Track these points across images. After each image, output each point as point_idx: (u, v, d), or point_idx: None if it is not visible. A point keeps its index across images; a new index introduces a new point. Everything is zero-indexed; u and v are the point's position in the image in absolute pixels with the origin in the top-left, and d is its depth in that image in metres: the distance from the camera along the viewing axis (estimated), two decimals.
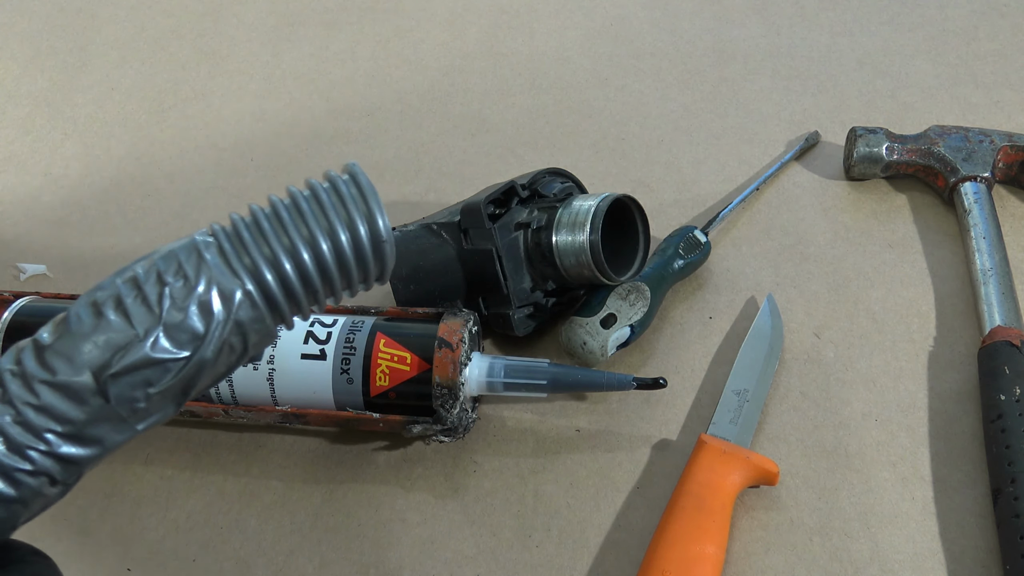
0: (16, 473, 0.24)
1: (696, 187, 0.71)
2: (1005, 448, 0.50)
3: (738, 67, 0.81)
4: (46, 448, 0.24)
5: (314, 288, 0.26)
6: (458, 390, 0.52)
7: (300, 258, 0.25)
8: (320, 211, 0.26)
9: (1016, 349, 0.54)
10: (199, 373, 0.25)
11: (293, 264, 0.25)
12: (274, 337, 0.27)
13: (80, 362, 0.24)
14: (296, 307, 0.26)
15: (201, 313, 0.25)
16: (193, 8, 0.94)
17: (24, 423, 0.24)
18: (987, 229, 0.62)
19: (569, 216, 0.55)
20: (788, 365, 0.59)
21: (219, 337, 0.25)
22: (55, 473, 0.24)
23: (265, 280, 0.25)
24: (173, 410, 0.26)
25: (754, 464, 0.51)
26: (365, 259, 0.26)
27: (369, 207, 0.26)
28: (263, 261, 0.25)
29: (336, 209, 0.26)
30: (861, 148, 0.67)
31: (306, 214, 0.26)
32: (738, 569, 0.50)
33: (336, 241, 0.26)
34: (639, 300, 0.58)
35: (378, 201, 0.26)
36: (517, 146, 0.76)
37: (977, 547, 0.50)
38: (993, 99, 0.75)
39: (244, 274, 0.25)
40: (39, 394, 0.24)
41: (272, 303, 0.26)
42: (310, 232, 0.25)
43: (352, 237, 0.26)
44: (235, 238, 0.26)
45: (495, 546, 0.52)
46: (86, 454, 0.25)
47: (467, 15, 0.90)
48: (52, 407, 0.24)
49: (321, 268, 0.26)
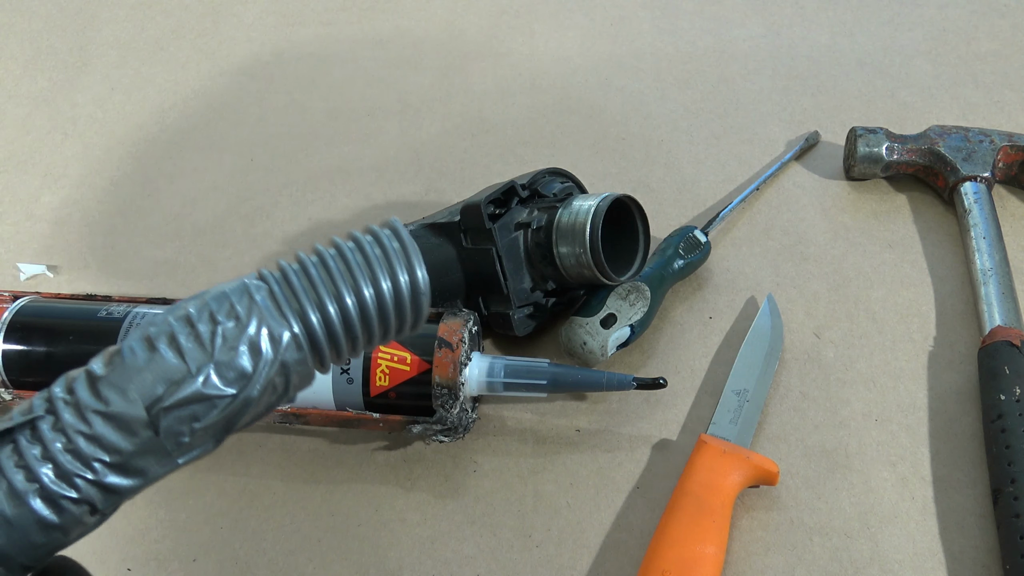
0: (62, 500, 0.25)
1: (696, 187, 0.71)
2: (1005, 448, 0.50)
3: (738, 67, 0.81)
4: (93, 477, 0.25)
5: (354, 334, 0.28)
6: (458, 390, 0.52)
7: (344, 305, 0.27)
8: (364, 262, 0.27)
9: (1016, 349, 0.54)
10: (243, 410, 0.26)
11: (338, 310, 0.27)
12: (312, 380, 0.28)
13: (133, 394, 0.25)
14: (336, 351, 0.28)
15: (250, 353, 0.26)
16: (193, 8, 0.94)
17: (74, 451, 0.25)
18: (987, 229, 0.62)
19: (569, 216, 0.55)
20: (788, 365, 0.59)
21: (266, 376, 0.26)
22: (98, 502, 0.25)
23: (311, 324, 0.27)
24: (213, 446, 0.27)
25: (754, 464, 0.51)
26: (403, 309, 0.28)
27: (410, 260, 0.28)
28: (310, 306, 0.27)
29: (379, 261, 0.27)
30: (861, 148, 0.67)
31: (351, 264, 0.27)
32: (738, 569, 0.50)
33: (379, 291, 0.27)
34: (639, 300, 0.58)
35: (419, 255, 0.28)
36: (517, 146, 0.76)
37: (977, 547, 0.50)
38: (993, 99, 0.75)
39: (292, 317, 0.27)
40: (92, 423, 0.25)
41: (316, 346, 0.27)
42: (355, 281, 0.27)
43: (393, 288, 0.27)
44: (284, 283, 0.27)
45: (495, 546, 0.52)
46: (129, 484, 0.25)
47: (467, 15, 0.90)
48: (103, 437, 0.25)
49: (363, 315, 0.27)
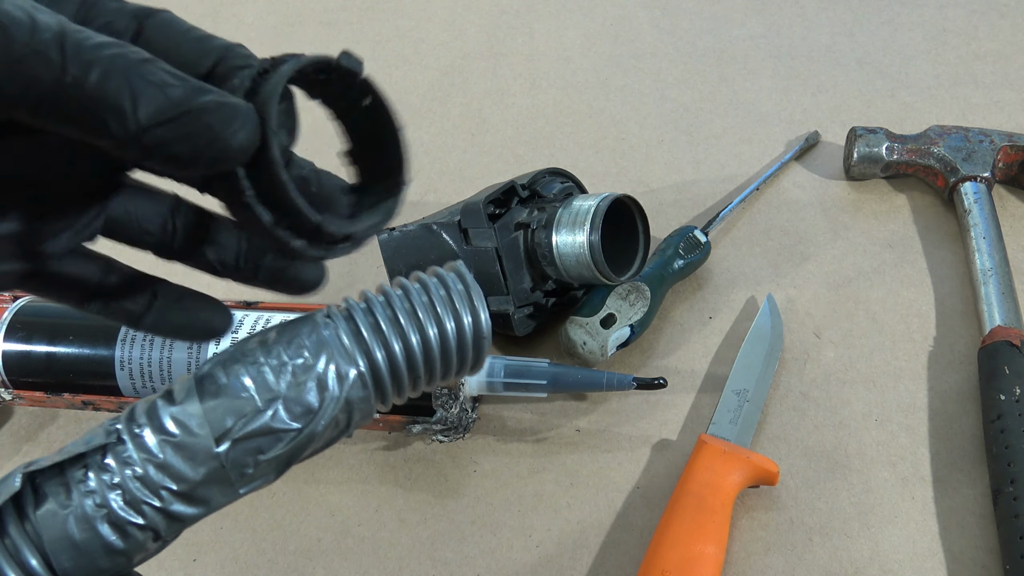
0: (128, 527, 0.25)
1: (696, 187, 0.71)
2: (1005, 448, 0.50)
3: (738, 67, 0.81)
4: (160, 505, 0.25)
5: (417, 373, 0.28)
6: (458, 390, 0.52)
7: (409, 344, 0.28)
8: (429, 302, 0.28)
9: (1016, 349, 0.54)
10: (307, 444, 0.27)
11: (402, 349, 0.27)
12: (372, 415, 0.29)
13: (204, 426, 0.26)
14: (398, 389, 0.28)
15: (318, 389, 0.27)
16: (193, 8, 0.94)
17: (143, 479, 0.25)
18: (987, 229, 0.62)
19: (569, 216, 0.55)
20: (788, 365, 0.59)
21: (331, 413, 0.27)
22: (162, 529, 0.26)
23: (376, 362, 0.27)
24: (274, 477, 0.28)
25: (754, 464, 0.51)
26: (465, 350, 0.28)
27: (473, 303, 0.28)
28: (376, 345, 0.27)
29: (444, 302, 0.28)
30: (861, 148, 0.67)
31: (416, 304, 0.28)
32: (738, 569, 0.50)
33: (443, 331, 0.28)
34: (639, 300, 0.58)
35: (482, 298, 0.28)
36: (517, 146, 0.76)
37: (977, 547, 0.50)
38: (993, 99, 0.75)
39: (359, 355, 0.27)
40: (162, 452, 0.25)
41: (379, 384, 0.28)
42: (419, 321, 0.28)
43: (456, 329, 0.28)
44: (351, 321, 0.28)
45: (495, 546, 0.52)
46: (193, 513, 0.26)
47: (467, 15, 0.90)
48: (171, 466, 0.25)
49: (426, 355, 0.28)
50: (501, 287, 0.57)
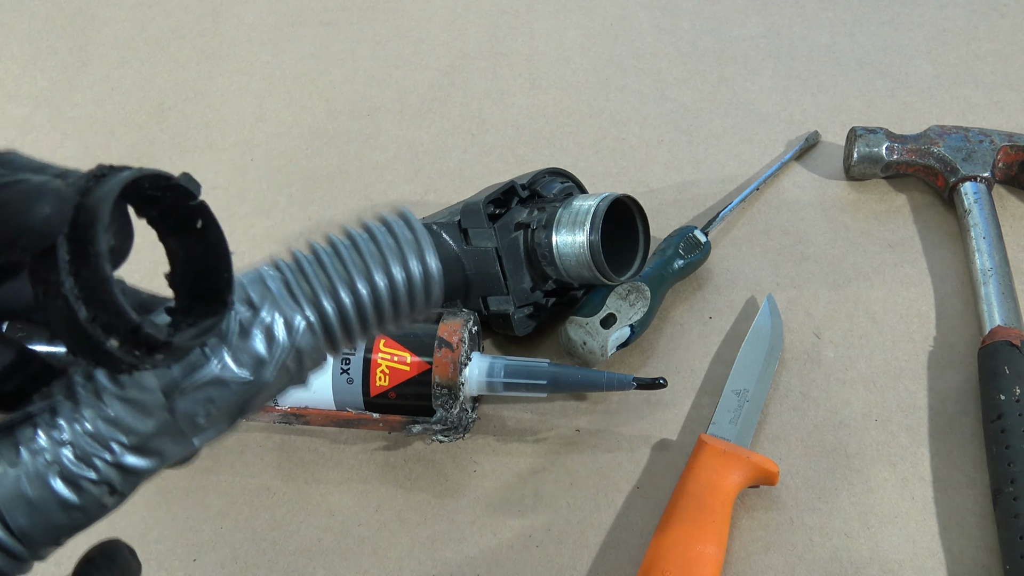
0: (82, 481, 0.25)
1: (696, 187, 0.71)
2: (1005, 448, 0.50)
3: (738, 67, 0.81)
4: (111, 458, 0.25)
5: (367, 321, 0.28)
6: (458, 390, 0.52)
7: (357, 291, 0.28)
8: (376, 249, 0.28)
9: (1016, 349, 0.54)
10: (258, 393, 0.27)
11: (351, 297, 0.28)
12: (324, 362, 0.29)
13: (151, 378, 0.26)
14: (348, 337, 0.28)
15: (265, 339, 0.27)
16: (193, 8, 0.94)
17: (93, 434, 0.25)
18: (987, 229, 0.62)
19: (569, 216, 0.55)
20: (788, 365, 0.59)
21: (279, 361, 0.27)
22: (116, 483, 0.26)
23: (324, 310, 0.27)
24: (227, 427, 0.28)
25: (754, 464, 0.51)
26: (415, 296, 0.29)
27: (421, 247, 0.28)
28: (323, 293, 0.27)
29: (391, 248, 0.28)
30: (861, 148, 0.67)
31: (363, 252, 0.28)
32: (738, 569, 0.50)
33: (391, 277, 0.28)
34: (639, 300, 0.58)
35: (430, 243, 0.28)
36: (517, 146, 0.76)
37: (977, 547, 0.50)
38: (993, 99, 0.75)
39: (306, 304, 0.27)
40: (110, 406, 0.25)
41: (328, 332, 0.28)
42: (367, 268, 0.28)
43: (405, 274, 0.28)
44: (297, 271, 0.28)
45: (495, 546, 0.52)
46: (147, 465, 0.26)
47: (467, 15, 0.90)
48: (121, 419, 0.25)
49: (375, 301, 0.28)
50: (501, 287, 0.57)
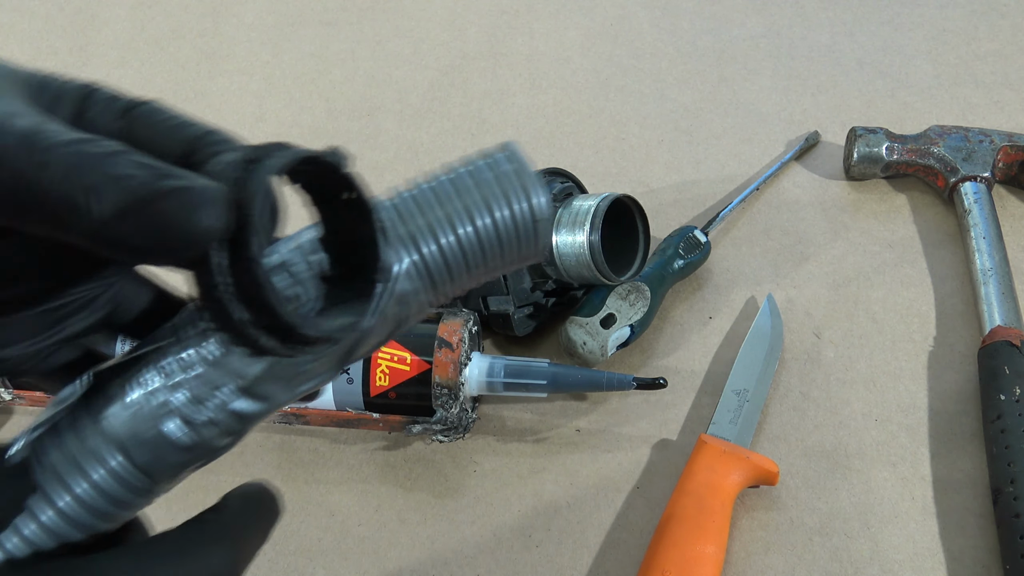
0: (192, 423, 0.25)
1: (696, 187, 0.71)
2: (1005, 448, 0.50)
3: (738, 67, 0.81)
4: (221, 401, 0.26)
5: (470, 263, 0.27)
6: (458, 390, 0.52)
7: (459, 232, 0.26)
8: (479, 187, 0.26)
9: (1016, 349, 0.54)
10: (362, 340, 0.26)
11: (453, 238, 0.26)
12: (429, 309, 0.28)
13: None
14: (452, 281, 0.27)
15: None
16: (193, 8, 0.94)
17: (203, 376, 0.25)
18: (987, 229, 0.62)
19: (569, 216, 0.55)
20: (788, 365, 0.59)
21: (380, 308, 0.26)
22: (226, 425, 0.26)
23: (425, 253, 0.26)
24: (332, 375, 0.27)
25: (754, 464, 0.51)
26: (521, 236, 0.27)
27: (526, 185, 0.26)
28: (423, 234, 0.26)
29: (494, 186, 0.26)
30: (861, 148, 0.67)
31: (466, 190, 0.26)
32: (738, 569, 0.50)
33: (494, 216, 0.26)
34: (639, 300, 0.58)
35: (535, 179, 0.26)
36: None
37: (977, 547, 0.50)
38: (993, 99, 0.75)
39: (405, 247, 0.26)
40: (220, 350, 0.25)
41: (430, 276, 0.27)
42: (468, 208, 0.26)
43: (510, 212, 0.26)
44: (395, 213, 0.26)
45: (495, 546, 0.52)
46: (256, 409, 0.26)
47: (467, 15, 0.90)
48: (230, 363, 0.25)
49: (480, 242, 0.26)
50: (501, 287, 0.57)
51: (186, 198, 0.21)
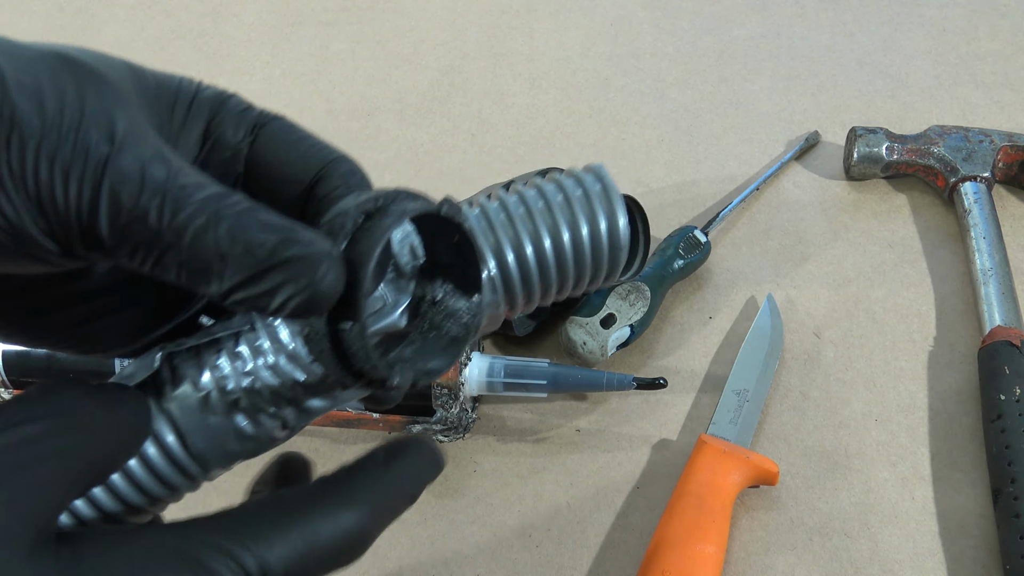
0: (258, 414, 0.26)
1: (696, 187, 0.71)
2: (1005, 448, 0.50)
3: (738, 67, 0.81)
4: (289, 395, 0.26)
5: (548, 278, 0.27)
6: (458, 390, 0.52)
7: (540, 245, 0.26)
8: (564, 203, 0.26)
9: (1016, 349, 0.54)
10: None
11: (533, 250, 0.26)
12: (500, 322, 0.28)
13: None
14: (528, 293, 0.27)
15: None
16: (193, 8, 0.94)
17: (274, 368, 0.25)
18: (987, 229, 0.62)
19: None
20: (788, 365, 0.59)
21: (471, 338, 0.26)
22: (289, 419, 0.26)
23: (506, 263, 0.26)
24: (409, 380, 0.28)
25: (754, 464, 0.51)
26: (600, 256, 0.27)
27: (612, 206, 0.26)
28: (507, 244, 0.26)
29: (580, 203, 0.26)
30: (861, 148, 0.67)
31: (553, 205, 0.26)
32: (738, 569, 0.50)
33: (576, 234, 0.26)
34: (639, 300, 0.58)
35: (621, 201, 0.26)
36: (517, 146, 0.76)
37: (977, 547, 0.50)
38: (993, 99, 0.75)
39: (489, 254, 0.26)
40: (293, 342, 0.25)
41: (508, 286, 0.27)
42: (553, 222, 0.26)
43: (591, 233, 0.26)
44: (483, 218, 0.27)
45: (495, 546, 0.52)
46: (321, 405, 0.26)
47: (467, 15, 0.90)
48: (302, 357, 0.25)
49: (558, 258, 0.26)
50: None
51: (304, 266, 0.22)
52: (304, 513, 0.23)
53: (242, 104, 0.27)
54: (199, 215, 0.21)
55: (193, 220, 0.21)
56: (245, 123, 0.26)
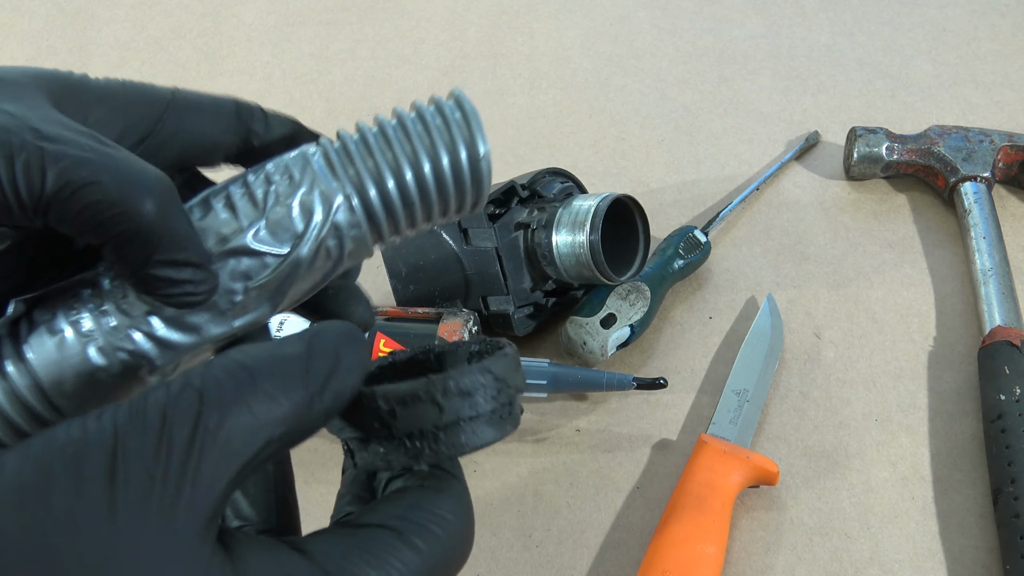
0: (118, 352, 0.26)
1: (696, 187, 0.71)
2: (1005, 448, 0.50)
3: (738, 67, 0.81)
4: (147, 329, 0.26)
5: (411, 205, 0.27)
6: None
7: (401, 173, 0.27)
8: (424, 131, 0.27)
9: (1016, 349, 0.54)
10: (295, 272, 0.27)
11: (394, 178, 0.27)
12: (370, 252, 0.28)
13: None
14: (393, 223, 0.28)
15: (302, 212, 0.26)
16: (193, 8, 0.94)
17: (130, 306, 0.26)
18: (987, 229, 0.62)
19: (569, 216, 0.55)
20: (788, 365, 0.59)
21: (316, 236, 0.26)
22: (153, 356, 0.26)
23: (365, 189, 0.27)
24: (268, 311, 0.28)
25: (754, 464, 0.51)
26: (463, 182, 0.27)
27: (471, 131, 0.27)
28: (366, 172, 0.27)
29: (440, 131, 0.27)
30: (861, 148, 0.67)
31: (411, 134, 0.27)
32: (738, 569, 0.50)
33: (437, 161, 0.27)
34: (639, 300, 0.58)
35: (480, 126, 0.27)
36: (517, 146, 0.76)
37: (977, 547, 0.50)
38: (993, 99, 0.75)
39: (346, 181, 0.27)
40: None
41: (370, 213, 0.27)
42: (413, 150, 0.27)
43: (452, 159, 0.27)
44: (342, 151, 0.27)
45: (495, 546, 0.52)
46: (184, 341, 0.26)
47: (467, 15, 0.90)
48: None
49: (420, 185, 0.27)
50: (501, 287, 0.57)
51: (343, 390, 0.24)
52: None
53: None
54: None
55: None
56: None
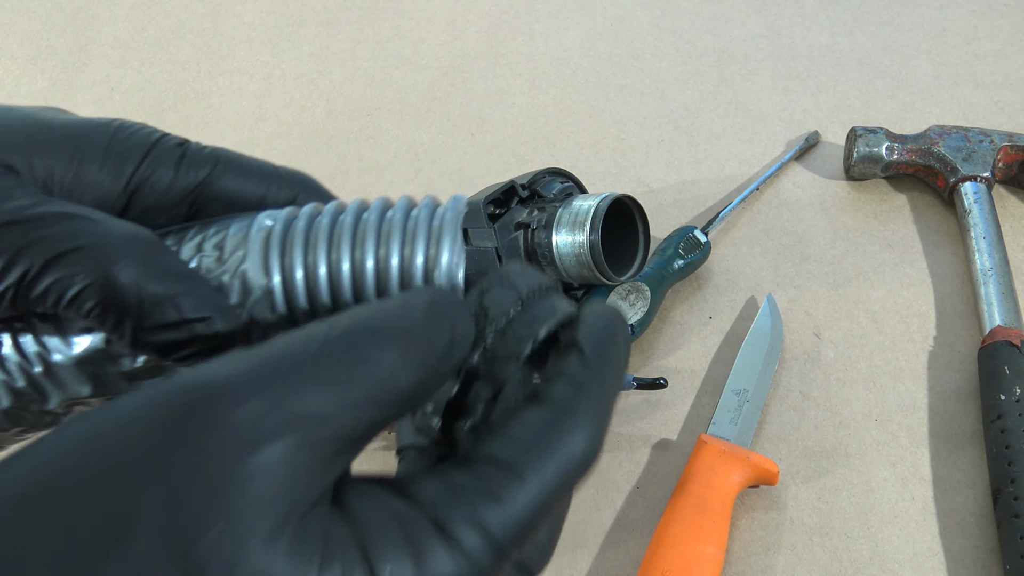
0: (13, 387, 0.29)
1: (696, 187, 0.71)
2: (1005, 448, 0.50)
3: (738, 67, 0.81)
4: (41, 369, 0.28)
5: (340, 301, 0.27)
6: None
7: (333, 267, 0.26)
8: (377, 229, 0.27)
9: (1016, 349, 0.54)
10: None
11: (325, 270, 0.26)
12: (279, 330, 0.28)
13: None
14: (312, 309, 0.27)
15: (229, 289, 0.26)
16: (193, 8, 0.94)
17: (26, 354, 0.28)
18: (987, 229, 0.62)
19: (569, 216, 0.55)
20: (788, 365, 0.59)
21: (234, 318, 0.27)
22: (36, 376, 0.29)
23: (291, 279, 0.26)
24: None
25: (754, 464, 0.51)
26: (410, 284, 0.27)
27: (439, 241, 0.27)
28: (298, 262, 0.26)
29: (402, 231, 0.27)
30: (861, 148, 0.67)
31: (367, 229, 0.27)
32: (738, 569, 0.50)
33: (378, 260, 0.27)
34: (639, 300, 0.58)
35: (455, 236, 0.27)
36: (517, 146, 0.76)
37: (977, 547, 0.50)
38: (993, 99, 0.75)
39: (275, 270, 0.26)
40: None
41: (290, 302, 0.26)
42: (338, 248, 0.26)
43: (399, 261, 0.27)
44: (281, 236, 0.26)
45: None
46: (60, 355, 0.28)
47: (467, 15, 0.90)
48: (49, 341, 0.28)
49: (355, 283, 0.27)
50: None
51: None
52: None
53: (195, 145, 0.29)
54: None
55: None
56: (206, 161, 0.28)
